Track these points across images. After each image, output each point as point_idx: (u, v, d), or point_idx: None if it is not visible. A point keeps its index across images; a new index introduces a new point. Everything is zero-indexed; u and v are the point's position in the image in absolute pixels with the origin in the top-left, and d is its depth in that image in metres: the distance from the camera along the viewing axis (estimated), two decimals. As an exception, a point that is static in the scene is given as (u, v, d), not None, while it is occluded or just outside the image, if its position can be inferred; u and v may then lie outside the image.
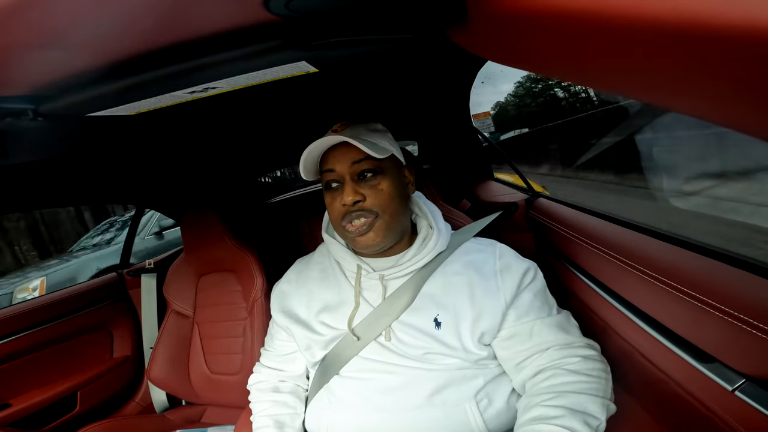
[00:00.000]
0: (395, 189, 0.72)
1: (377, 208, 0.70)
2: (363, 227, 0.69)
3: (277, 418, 0.78)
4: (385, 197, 0.70)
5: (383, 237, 0.71)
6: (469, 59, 1.10)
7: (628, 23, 0.22)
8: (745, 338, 0.49)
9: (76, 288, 1.52)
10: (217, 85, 0.63)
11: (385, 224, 0.71)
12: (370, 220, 0.69)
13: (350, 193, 0.69)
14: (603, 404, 0.60)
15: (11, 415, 1.19)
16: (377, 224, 0.70)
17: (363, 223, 0.69)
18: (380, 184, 0.71)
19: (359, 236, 0.70)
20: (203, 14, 0.44)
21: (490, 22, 0.39)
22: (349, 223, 0.70)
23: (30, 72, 0.50)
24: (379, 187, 0.70)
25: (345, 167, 0.70)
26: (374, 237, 0.70)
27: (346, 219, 0.70)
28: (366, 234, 0.70)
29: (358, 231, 0.70)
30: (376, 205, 0.70)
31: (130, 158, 1.20)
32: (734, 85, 0.20)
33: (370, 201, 0.70)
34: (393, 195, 0.71)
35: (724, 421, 0.51)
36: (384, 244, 0.72)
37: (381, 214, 0.70)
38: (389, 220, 0.71)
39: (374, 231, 0.70)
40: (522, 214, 1.22)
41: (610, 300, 0.76)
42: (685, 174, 3.60)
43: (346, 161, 0.70)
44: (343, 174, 0.71)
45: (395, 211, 0.72)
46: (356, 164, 0.70)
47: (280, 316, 0.82)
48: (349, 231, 0.70)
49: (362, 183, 0.71)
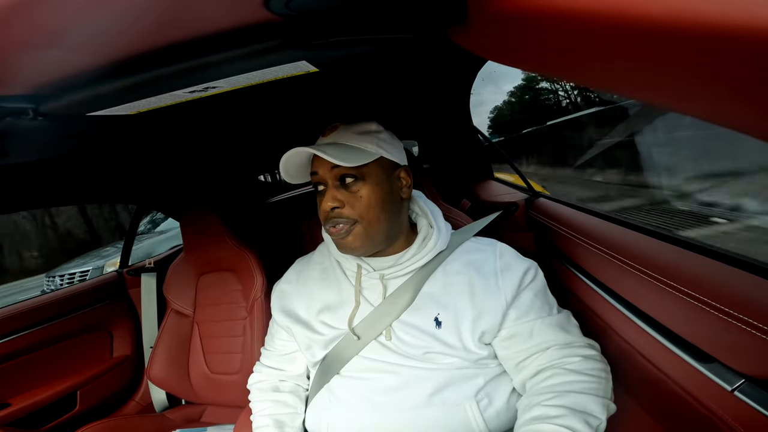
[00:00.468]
0: (377, 195, 0.70)
1: (355, 216, 0.70)
2: (341, 232, 0.70)
3: (277, 418, 0.78)
4: (364, 205, 0.70)
5: (362, 243, 0.71)
6: (470, 59, 1.10)
7: (629, 23, 0.22)
8: (744, 338, 0.49)
9: (76, 287, 1.52)
10: (217, 84, 0.63)
11: (364, 231, 0.70)
12: (347, 226, 0.70)
13: (329, 199, 0.70)
14: (603, 404, 0.60)
15: (11, 415, 1.19)
16: (355, 230, 0.70)
17: (340, 229, 0.70)
18: (360, 191, 0.70)
19: (339, 239, 0.71)
20: (203, 13, 0.44)
21: (491, 22, 0.39)
22: (331, 227, 0.71)
23: (30, 71, 0.50)
24: (359, 194, 0.70)
25: (326, 172, 0.70)
26: (353, 241, 0.70)
27: (328, 223, 0.71)
28: (345, 238, 0.70)
29: (338, 235, 0.70)
30: (353, 213, 0.70)
31: (131, 158, 1.20)
32: (734, 86, 0.20)
33: (348, 209, 0.70)
34: (373, 202, 0.70)
35: (723, 421, 0.51)
36: (365, 249, 0.72)
37: (359, 220, 0.70)
38: (368, 227, 0.70)
39: (352, 236, 0.70)
40: (522, 213, 1.22)
41: (610, 300, 0.76)
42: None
43: (326, 166, 0.70)
44: (326, 178, 0.71)
45: (375, 218, 0.70)
46: (335, 169, 0.70)
47: (281, 315, 0.82)
48: (331, 234, 0.72)
49: (343, 189, 0.71)
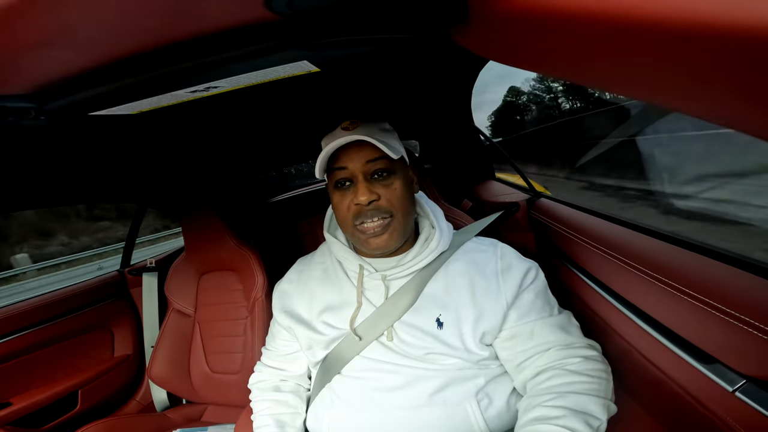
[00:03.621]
0: (407, 189, 0.72)
1: (392, 208, 0.69)
2: (378, 229, 0.69)
3: (277, 418, 0.78)
4: (399, 197, 0.70)
5: (397, 239, 0.71)
6: (471, 59, 1.10)
7: (631, 23, 0.22)
8: (745, 339, 0.49)
9: (77, 287, 1.52)
10: (219, 84, 0.63)
11: (400, 225, 0.70)
12: (386, 221, 0.69)
13: (365, 192, 0.68)
14: (604, 404, 0.60)
15: (12, 414, 1.20)
16: (393, 225, 0.70)
17: (379, 225, 0.69)
18: (393, 183, 0.70)
19: (373, 237, 0.69)
20: (204, 13, 0.44)
21: (492, 22, 0.39)
22: (363, 224, 0.69)
23: (32, 71, 0.50)
24: (393, 187, 0.70)
25: (358, 165, 0.69)
26: (388, 239, 0.70)
27: (359, 219, 0.69)
28: (380, 236, 0.69)
29: (374, 232, 0.69)
30: (390, 204, 0.69)
31: (132, 157, 1.20)
32: (734, 85, 0.20)
33: (385, 200, 0.69)
34: (405, 195, 0.71)
35: (724, 422, 0.51)
36: (395, 246, 0.72)
37: (395, 214, 0.70)
38: (403, 221, 0.71)
39: (389, 233, 0.70)
40: (523, 214, 1.22)
41: (611, 300, 0.76)
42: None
43: (360, 159, 0.69)
44: (356, 172, 0.70)
45: (407, 211, 0.72)
46: (370, 163, 0.69)
47: (282, 315, 0.82)
48: (363, 232, 0.70)
49: (375, 182, 0.70)
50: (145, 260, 1.69)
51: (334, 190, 0.73)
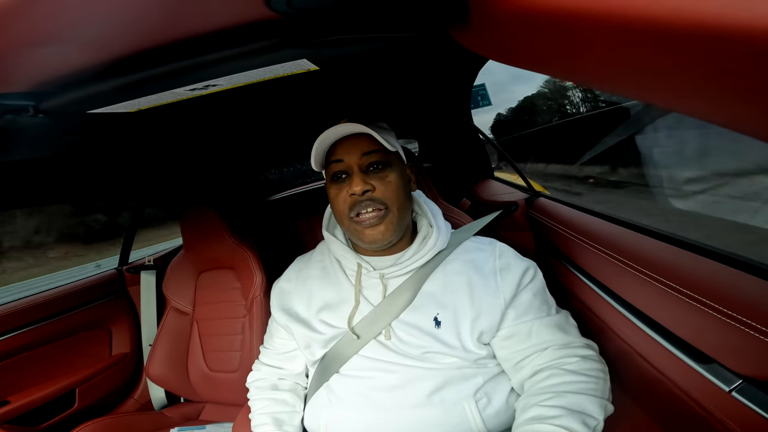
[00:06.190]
0: (402, 182, 0.73)
1: (387, 200, 0.70)
2: (374, 219, 0.69)
3: (275, 416, 0.78)
4: (394, 189, 0.71)
5: (392, 231, 0.71)
6: (471, 58, 1.10)
7: (630, 23, 0.22)
8: (743, 339, 0.49)
9: (75, 285, 1.52)
10: (218, 82, 0.63)
11: (395, 218, 0.71)
12: (381, 212, 0.69)
13: (359, 182, 0.69)
14: (601, 404, 0.60)
15: (9, 413, 1.19)
16: (388, 218, 0.70)
17: (374, 216, 0.69)
18: (389, 176, 0.71)
19: (369, 228, 0.70)
20: (204, 11, 0.44)
21: (492, 21, 0.39)
22: (359, 215, 0.70)
23: (31, 69, 0.50)
24: (388, 179, 0.71)
25: (354, 158, 0.70)
26: (384, 231, 0.70)
27: (354, 210, 0.70)
28: (376, 227, 0.70)
29: (369, 222, 0.69)
30: (385, 196, 0.70)
31: (131, 155, 1.20)
32: (734, 85, 0.20)
33: (380, 191, 0.70)
34: (400, 188, 0.72)
35: (720, 422, 0.51)
36: (391, 240, 0.72)
37: (390, 206, 0.70)
38: (398, 214, 0.71)
39: (384, 225, 0.70)
40: (522, 213, 1.22)
41: (609, 300, 0.76)
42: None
43: (355, 152, 0.70)
44: (352, 165, 0.71)
45: (402, 205, 0.72)
46: (366, 156, 0.70)
47: (280, 314, 0.82)
48: (359, 222, 0.70)
49: (370, 174, 0.71)
50: (143, 258, 1.69)
51: (331, 184, 0.74)
